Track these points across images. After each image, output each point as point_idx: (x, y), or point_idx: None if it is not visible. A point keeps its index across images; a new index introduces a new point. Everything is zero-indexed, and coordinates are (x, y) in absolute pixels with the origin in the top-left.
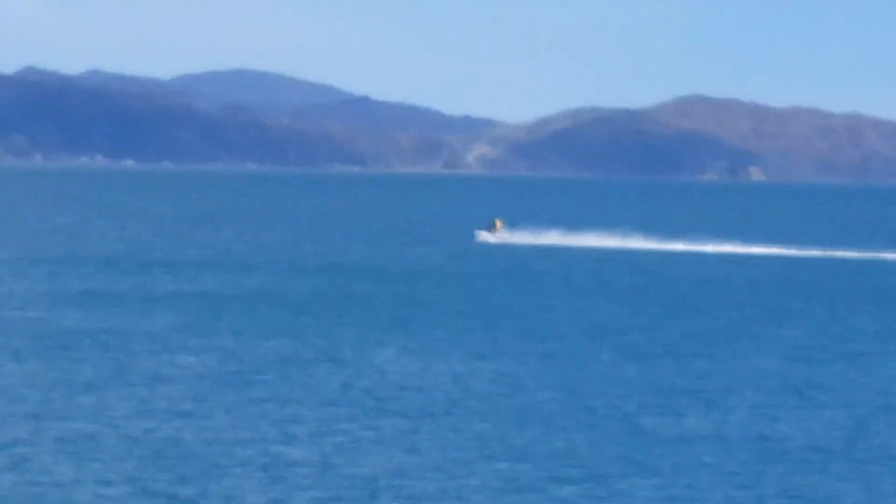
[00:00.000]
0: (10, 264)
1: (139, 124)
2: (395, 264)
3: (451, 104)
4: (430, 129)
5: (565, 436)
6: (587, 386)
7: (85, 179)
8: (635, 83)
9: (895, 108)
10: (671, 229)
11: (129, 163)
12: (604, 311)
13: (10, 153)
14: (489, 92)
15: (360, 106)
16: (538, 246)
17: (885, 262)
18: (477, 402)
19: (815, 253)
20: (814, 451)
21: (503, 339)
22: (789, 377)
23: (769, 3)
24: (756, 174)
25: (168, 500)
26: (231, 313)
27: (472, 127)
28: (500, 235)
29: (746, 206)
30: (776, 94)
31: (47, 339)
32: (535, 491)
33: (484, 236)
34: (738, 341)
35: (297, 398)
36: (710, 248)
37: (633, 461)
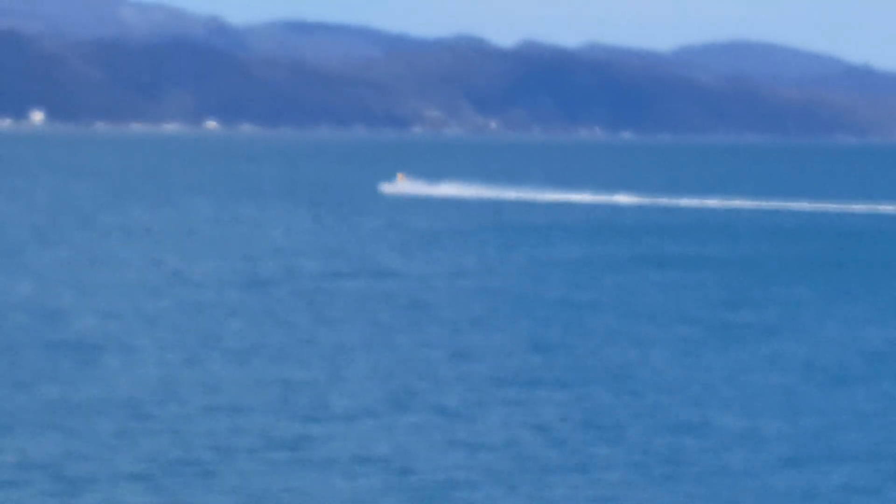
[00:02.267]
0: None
1: (638, 96)
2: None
3: None
4: None
5: None
6: None
7: (584, 151)
8: None
9: None
10: None
11: (628, 135)
12: None
13: (508, 126)
14: None
15: (861, 75)
16: None
17: None
18: None
19: None
20: None
21: None
22: None
23: None
24: None
25: (669, 462)
26: (703, 280)
27: None
28: (399, 187)
29: None
30: None
31: (531, 307)
32: None
33: (385, 188)
34: None
35: (756, 367)
36: None
37: None
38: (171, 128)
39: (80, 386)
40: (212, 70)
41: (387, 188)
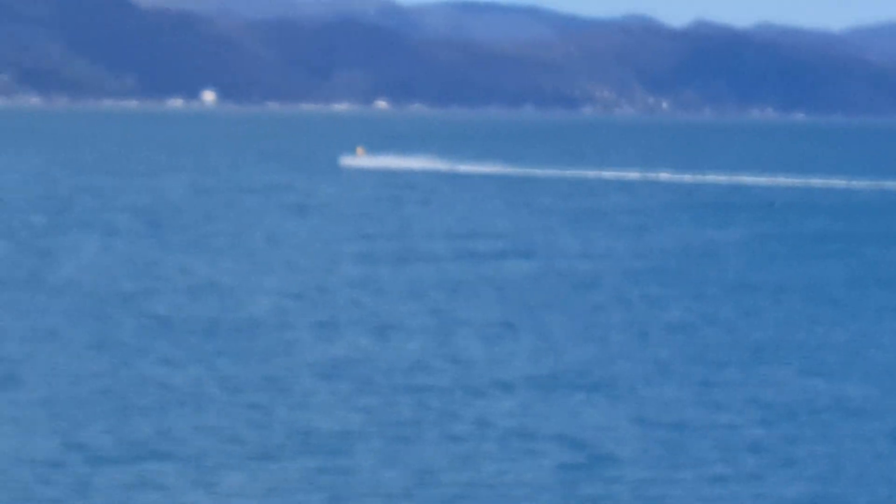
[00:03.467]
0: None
1: (810, 77)
2: None
3: None
4: None
5: None
6: None
7: (750, 132)
8: None
9: None
10: None
11: (800, 116)
12: None
13: (679, 107)
14: None
15: None
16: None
17: None
18: None
19: None
20: None
21: None
22: None
23: None
24: None
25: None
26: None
27: None
28: (361, 160)
29: None
30: None
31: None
32: None
33: (347, 161)
34: None
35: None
36: None
37: None
38: (341, 107)
39: (252, 362)
40: (382, 50)
41: (347, 161)
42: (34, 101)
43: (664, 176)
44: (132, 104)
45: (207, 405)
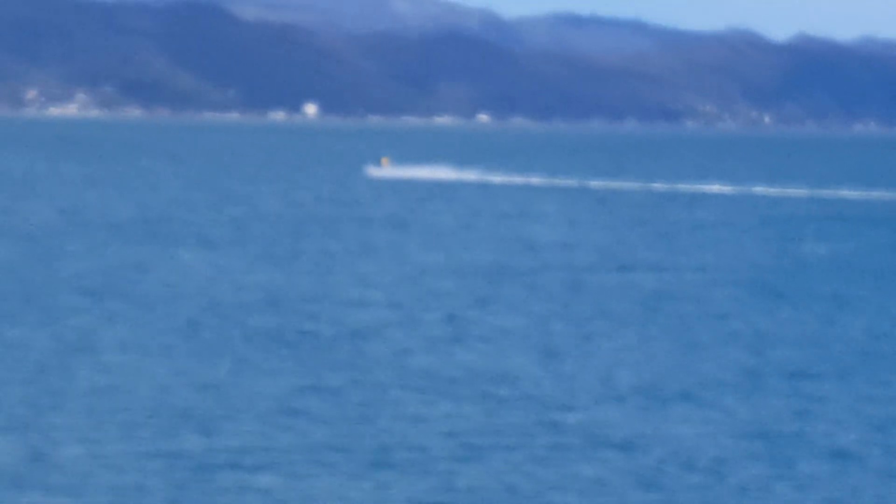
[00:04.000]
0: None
1: None
2: None
3: None
4: None
5: None
6: None
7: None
8: None
9: None
10: None
11: None
12: None
13: (782, 121)
14: None
15: None
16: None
17: None
18: None
19: None
20: None
21: None
22: None
23: None
24: None
25: None
26: None
27: None
28: (385, 171)
29: None
30: None
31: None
32: None
33: (372, 171)
34: None
35: None
36: None
37: None
38: (443, 121)
39: (351, 374)
40: (484, 63)
41: (373, 171)
42: (137, 113)
43: (760, 189)
44: (234, 117)
45: (306, 416)
